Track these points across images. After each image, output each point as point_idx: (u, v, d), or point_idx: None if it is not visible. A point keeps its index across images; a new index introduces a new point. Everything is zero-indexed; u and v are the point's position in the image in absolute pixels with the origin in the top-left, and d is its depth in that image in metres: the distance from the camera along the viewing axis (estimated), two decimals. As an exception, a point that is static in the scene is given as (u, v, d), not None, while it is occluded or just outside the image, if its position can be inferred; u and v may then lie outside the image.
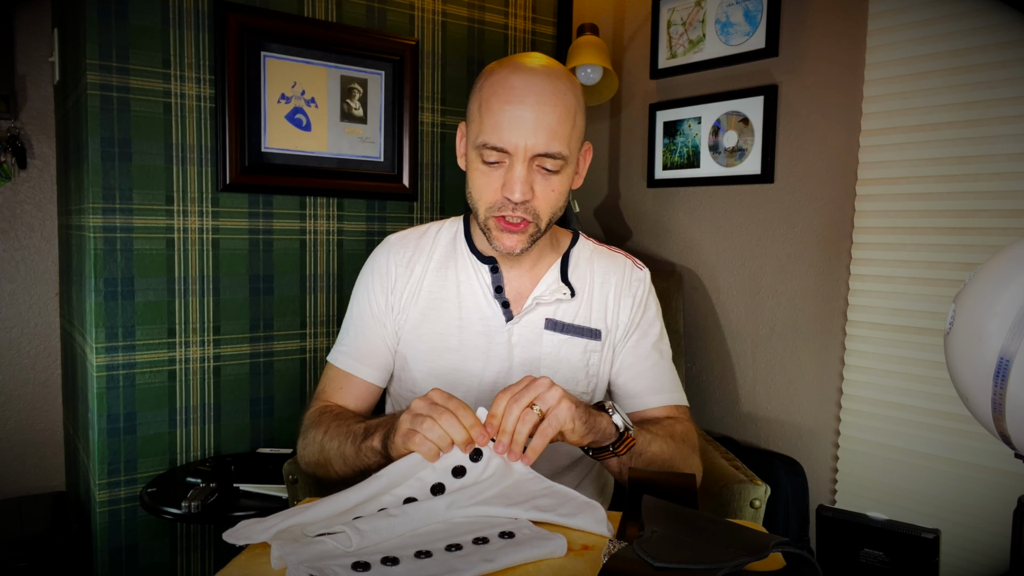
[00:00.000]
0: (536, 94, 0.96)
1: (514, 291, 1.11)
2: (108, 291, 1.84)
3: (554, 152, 0.97)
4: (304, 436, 1.08)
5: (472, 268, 1.11)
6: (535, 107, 0.96)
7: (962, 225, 1.64)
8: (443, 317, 1.11)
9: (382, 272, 1.14)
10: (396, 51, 2.21)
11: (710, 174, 2.16)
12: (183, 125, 1.92)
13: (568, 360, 1.09)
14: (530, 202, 1.00)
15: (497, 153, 0.98)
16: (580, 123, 1.02)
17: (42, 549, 1.94)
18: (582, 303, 1.12)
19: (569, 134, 0.99)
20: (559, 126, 0.97)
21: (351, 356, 1.13)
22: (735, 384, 2.14)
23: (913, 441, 1.73)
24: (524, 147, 0.96)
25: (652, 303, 1.17)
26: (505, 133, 0.96)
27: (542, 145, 0.97)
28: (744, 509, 1.22)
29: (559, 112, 0.97)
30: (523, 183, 0.98)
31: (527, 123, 0.96)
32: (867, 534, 0.63)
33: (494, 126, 0.97)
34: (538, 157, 0.98)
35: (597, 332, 1.11)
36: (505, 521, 0.78)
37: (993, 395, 0.72)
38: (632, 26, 2.42)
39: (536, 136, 0.96)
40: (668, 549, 0.62)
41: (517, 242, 1.02)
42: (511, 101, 0.96)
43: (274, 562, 0.69)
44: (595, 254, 1.17)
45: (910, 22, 1.70)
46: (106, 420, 1.85)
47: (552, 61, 1.03)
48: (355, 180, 2.18)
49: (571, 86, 1.01)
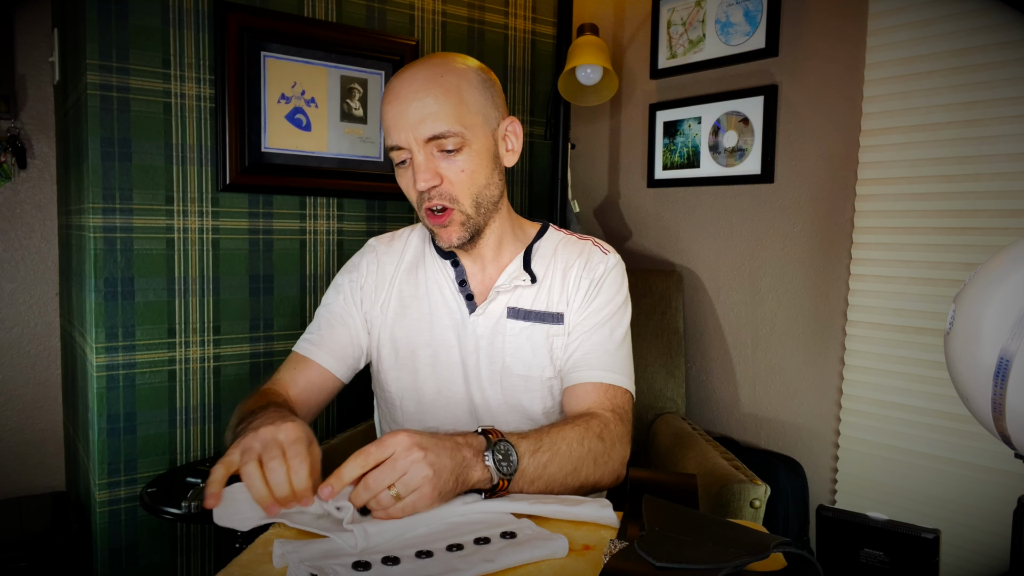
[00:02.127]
0: (409, 86, 1.01)
1: (478, 284, 1.14)
2: (108, 291, 1.84)
3: (441, 132, 1.00)
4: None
5: (438, 265, 1.15)
6: (408, 98, 1.00)
7: (962, 225, 1.64)
8: (414, 315, 1.14)
9: (352, 268, 1.20)
10: (396, 51, 2.21)
11: (710, 174, 2.16)
12: (183, 125, 1.92)
13: (532, 346, 1.10)
14: (441, 186, 1.03)
15: (399, 152, 1.03)
16: (474, 99, 1.03)
17: (42, 549, 1.94)
18: (542, 289, 1.13)
19: (455, 111, 1.01)
20: (439, 106, 1.00)
21: (310, 342, 1.17)
22: (735, 384, 2.14)
23: (913, 441, 1.73)
24: (413, 137, 1.01)
25: (610, 284, 1.13)
26: (393, 131, 1.02)
27: (428, 129, 1.00)
28: (744, 509, 1.22)
29: (435, 93, 1.00)
30: (424, 170, 1.02)
31: (406, 115, 1.00)
32: (867, 534, 0.63)
33: (387, 128, 1.03)
34: (432, 141, 1.01)
35: (559, 316, 1.11)
36: (507, 521, 0.78)
37: (993, 395, 0.72)
38: (632, 26, 2.42)
39: (419, 124, 1.00)
40: (669, 549, 0.62)
41: (451, 233, 1.06)
42: (390, 101, 1.02)
43: (276, 560, 0.69)
44: (562, 243, 1.18)
45: (910, 22, 1.70)
46: (106, 420, 1.85)
47: (441, 55, 1.07)
48: (355, 180, 2.18)
49: (450, 68, 1.03)
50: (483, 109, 1.05)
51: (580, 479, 0.95)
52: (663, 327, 2.08)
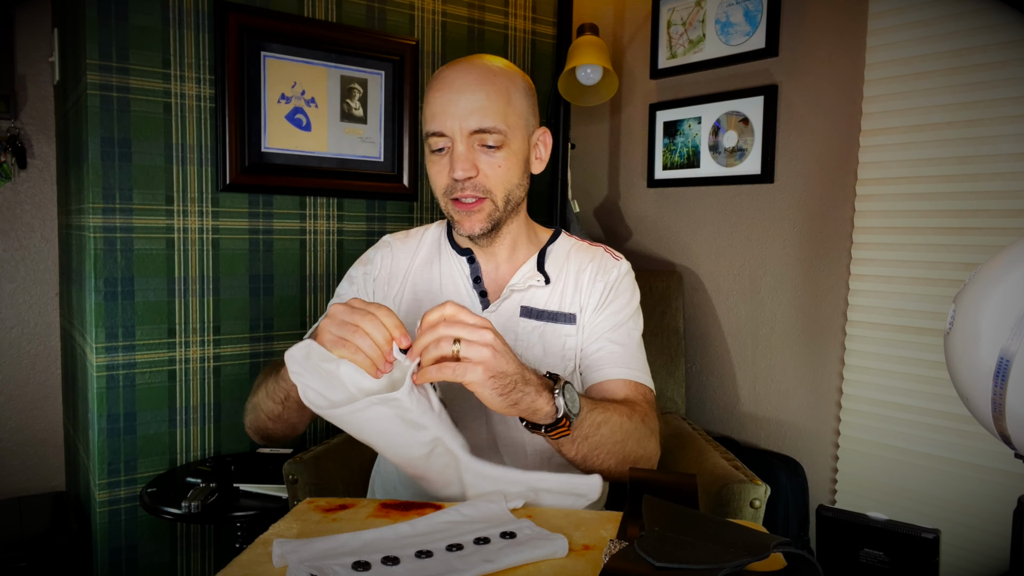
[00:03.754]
0: (464, 78, 1.05)
1: (492, 282, 1.15)
2: (108, 291, 1.84)
3: (488, 127, 1.04)
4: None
5: (453, 261, 1.17)
6: (462, 89, 1.04)
7: (962, 225, 1.64)
8: (427, 308, 1.13)
9: (366, 261, 1.22)
10: (396, 51, 2.21)
11: (710, 174, 2.16)
12: (183, 125, 1.92)
13: (543, 345, 1.12)
14: (477, 178, 1.06)
15: (439, 139, 1.05)
16: (519, 103, 1.08)
17: (42, 549, 1.94)
18: (555, 290, 1.15)
19: (503, 110, 1.05)
20: (489, 103, 1.04)
21: None
22: (735, 384, 2.14)
23: (913, 441, 1.73)
24: (459, 127, 1.04)
25: (624, 289, 1.17)
26: (440, 117, 1.04)
27: (476, 122, 1.03)
28: (744, 509, 1.22)
29: (487, 90, 1.04)
30: (464, 160, 1.04)
31: (457, 104, 1.03)
32: (867, 534, 0.63)
33: (432, 115, 1.06)
34: (476, 134, 1.04)
35: (572, 316, 1.13)
36: (506, 520, 0.78)
37: (993, 395, 0.72)
38: (632, 26, 2.42)
39: (469, 115, 1.03)
40: (668, 549, 0.62)
41: (475, 222, 1.08)
42: (442, 88, 1.05)
43: (275, 560, 0.69)
44: (575, 248, 1.20)
45: (910, 22, 1.70)
46: (106, 420, 1.85)
47: (490, 57, 1.10)
48: (355, 180, 2.18)
49: (504, 70, 1.08)
50: (525, 114, 1.09)
51: (624, 451, 0.98)
52: (663, 327, 2.08)
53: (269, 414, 1.01)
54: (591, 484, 0.86)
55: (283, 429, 1.04)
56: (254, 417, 1.05)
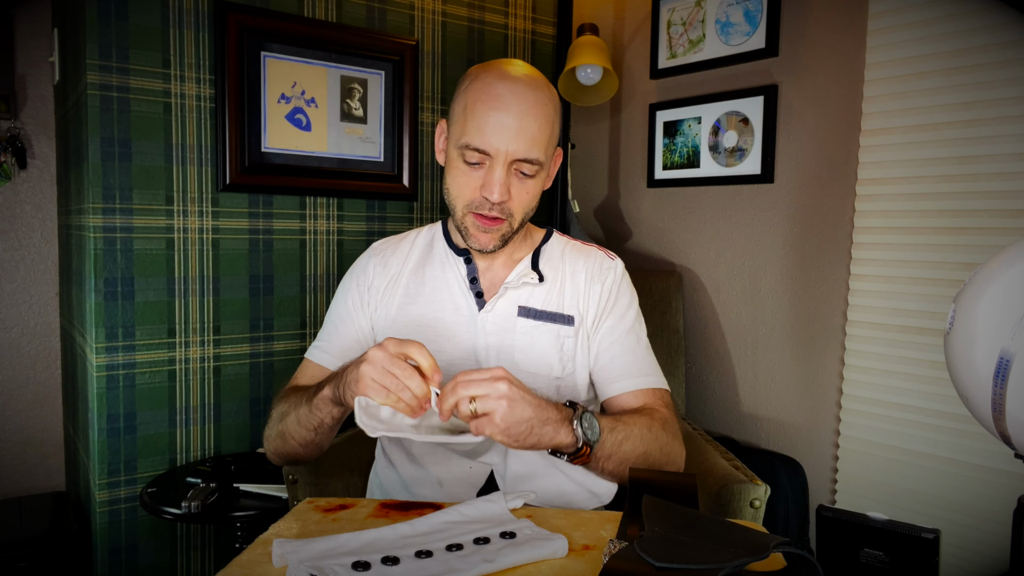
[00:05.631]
0: (520, 103, 1.02)
1: (488, 282, 1.16)
2: (108, 291, 1.84)
3: (532, 158, 1.04)
4: (270, 416, 1.12)
5: (450, 262, 1.17)
6: (518, 115, 1.02)
7: (962, 225, 1.64)
8: (418, 310, 1.16)
9: (359, 271, 1.21)
10: (396, 51, 2.21)
11: (710, 174, 2.16)
12: (183, 125, 1.92)
13: (541, 346, 1.12)
14: (506, 203, 1.06)
15: (479, 155, 1.04)
16: (556, 131, 1.09)
17: (42, 549, 1.94)
18: (553, 290, 1.15)
19: (547, 142, 1.06)
20: (539, 134, 1.04)
21: (325, 351, 1.17)
22: (735, 384, 2.14)
23: (913, 441, 1.73)
24: (505, 152, 1.03)
25: (624, 290, 1.19)
26: (488, 137, 1.02)
27: (523, 151, 1.03)
28: (744, 509, 1.22)
29: (539, 121, 1.04)
30: (501, 185, 1.04)
31: (510, 129, 1.02)
32: (867, 534, 0.63)
33: (478, 129, 1.03)
34: (517, 162, 1.04)
35: (570, 318, 1.14)
36: (506, 520, 0.78)
37: (993, 395, 0.72)
38: (632, 26, 2.42)
39: (518, 142, 1.02)
40: (668, 549, 0.62)
41: (490, 240, 1.09)
42: (496, 108, 1.02)
43: (275, 560, 0.69)
44: (568, 247, 1.21)
45: (910, 22, 1.70)
46: (106, 420, 1.85)
47: (534, 70, 1.09)
48: (355, 180, 2.18)
49: (551, 96, 1.07)
50: (556, 139, 1.11)
51: (648, 461, 1.01)
52: (663, 327, 2.08)
53: (301, 441, 1.04)
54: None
55: (313, 452, 1.08)
56: (281, 444, 1.07)
